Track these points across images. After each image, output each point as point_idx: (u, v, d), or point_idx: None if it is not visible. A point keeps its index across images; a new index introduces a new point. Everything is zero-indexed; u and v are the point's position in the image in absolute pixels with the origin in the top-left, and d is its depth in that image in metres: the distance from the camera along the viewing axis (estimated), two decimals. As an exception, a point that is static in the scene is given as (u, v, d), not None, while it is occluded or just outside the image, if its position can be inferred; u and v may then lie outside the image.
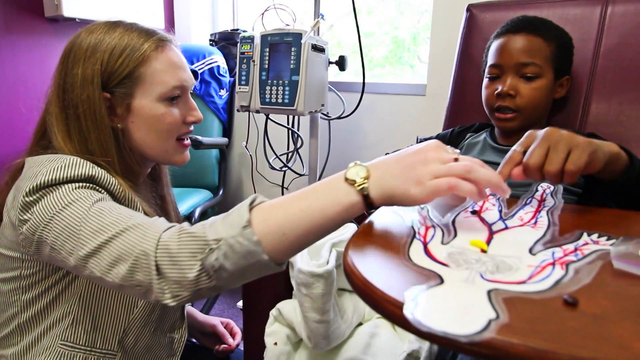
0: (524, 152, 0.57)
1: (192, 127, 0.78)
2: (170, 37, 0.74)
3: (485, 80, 0.94)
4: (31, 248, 0.61)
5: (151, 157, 0.75)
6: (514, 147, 0.58)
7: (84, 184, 0.61)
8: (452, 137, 1.04)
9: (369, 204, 0.49)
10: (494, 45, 0.93)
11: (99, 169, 0.64)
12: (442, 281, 0.39)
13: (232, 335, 0.98)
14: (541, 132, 0.56)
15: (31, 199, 0.59)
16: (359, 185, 0.48)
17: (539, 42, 0.88)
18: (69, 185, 0.60)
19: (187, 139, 0.78)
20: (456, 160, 0.50)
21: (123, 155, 0.71)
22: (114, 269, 0.53)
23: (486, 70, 0.94)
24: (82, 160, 0.63)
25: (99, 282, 0.55)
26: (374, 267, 0.42)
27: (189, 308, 0.97)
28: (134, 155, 0.72)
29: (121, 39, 0.68)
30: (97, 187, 0.63)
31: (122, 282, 0.53)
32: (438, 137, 1.05)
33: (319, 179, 1.72)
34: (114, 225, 0.55)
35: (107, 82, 0.68)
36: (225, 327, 0.98)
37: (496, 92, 0.89)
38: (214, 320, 0.99)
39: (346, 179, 0.49)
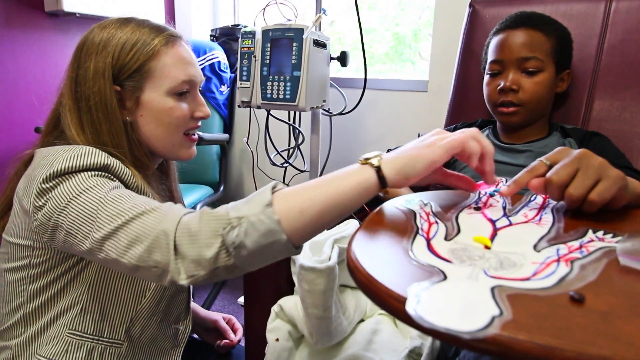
0: (550, 167, 0.53)
1: (200, 123, 0.79)
2: (181, 34, 0.76)
3: (486, 77, 0.94)
4: (45, 235, 0.61)
5: (158, 151, 0.75)
6: (540, 158, 0.55)
7: (100, 173, 0.62)
8: (455, 133, 1.03)
9: (382, 180, 0.51)
10: (494, 41, 0.92)
11: (114, 158, 0.65)
12: (445, 277, 0.39)
13: (234, 331, 0.99)
14: (575, 152, 0.53)
15: (47, 185, 0.59)
16: (372, 160, 0.52)
17: (539, 36, 0.87)
18: (85, 173, 0.61)
19: (194, 134, 0.79)
20: None
21: (132, 148, 0.71)
22: (130, 249, 0.53)
23: (487, 67, 0.94)
24: (97, 149, 0.64)
25: (113, 265, 0.55)
26: (377, 263, 0.42)
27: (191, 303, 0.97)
28: (142, 148, 0.73)
29: (132, 34, 0.70)
30: (112, 177, 0.64)
31: (138, 263, 0.53)
32: None
33: (320, 175, 1.72)
34: (132, 209, 0.55)
35: (117, 75, 0.69)
36: (226, 323, 0.99)
37: (499, 87, 0.88)
38: (216, 315, 0.99)
39: (360, 162, 0.53)
